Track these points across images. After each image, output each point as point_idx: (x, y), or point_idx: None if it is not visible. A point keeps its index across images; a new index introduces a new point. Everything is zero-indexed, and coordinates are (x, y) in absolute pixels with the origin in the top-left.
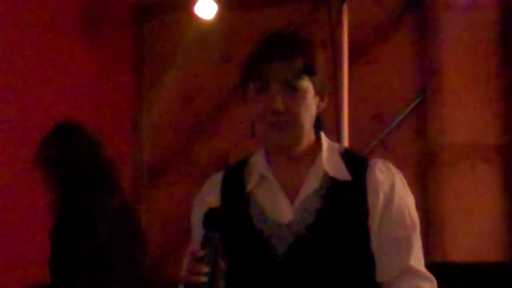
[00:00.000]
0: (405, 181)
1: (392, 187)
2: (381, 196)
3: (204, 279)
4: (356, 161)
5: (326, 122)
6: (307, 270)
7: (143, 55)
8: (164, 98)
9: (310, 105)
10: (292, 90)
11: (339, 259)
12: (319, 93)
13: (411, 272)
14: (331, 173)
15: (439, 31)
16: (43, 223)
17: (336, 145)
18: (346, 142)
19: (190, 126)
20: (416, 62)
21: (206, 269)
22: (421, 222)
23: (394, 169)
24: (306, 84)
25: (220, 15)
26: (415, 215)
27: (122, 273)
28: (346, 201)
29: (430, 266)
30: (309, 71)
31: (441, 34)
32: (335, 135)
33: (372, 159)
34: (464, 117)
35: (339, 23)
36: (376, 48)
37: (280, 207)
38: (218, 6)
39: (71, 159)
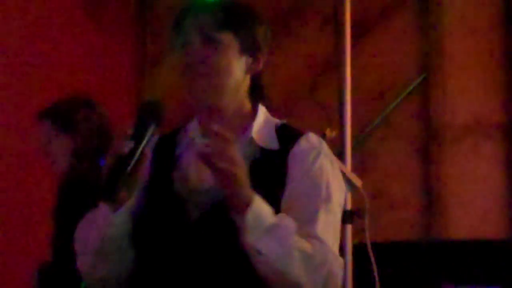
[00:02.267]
0: (335, 164)
1: (316, 157)
2: (301, 160)
3: (127, 150)
4: (290, 134)
5: (267, 94)
6: (217, 237)
7: (146, 32)
8: (167, 77)
9: (232, 61)
10: (211, 42)
11: None
12: (248, 52)
13: (315, 238)
14: (259, 141)
15: (442, 10)
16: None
17: (275, 120)
18: (348, 119)
19: (187, 109)
20: (418, 41)
21: (131, 144)
22: (425, 201)
23: (325, 146)
24: (228, 38)
25: None
26: (335, 195)
27: None
28: (268, 171)
29: (432, 243)
30: (232, 24)
31: (444, 13)
32: (337, 114)
33: (305, 133)
34: (466, 95)
35: (342, 1)
36: (379, 27)
37: (203, 172)
38: None
39: (93, 132)
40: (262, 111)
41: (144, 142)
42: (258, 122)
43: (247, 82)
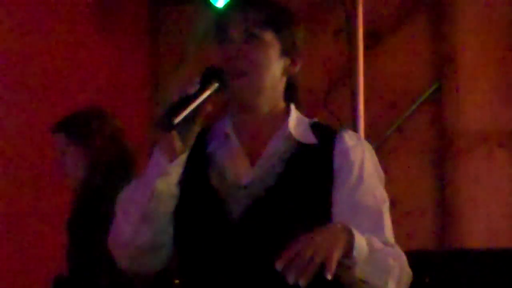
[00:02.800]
0: (375, 156)
1: (364, 156)
2: (353, 161)
3: (188, 93)
4: (325, 130)
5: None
6: (262, 235)
7: (158, 46)
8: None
9: (273, 60)
10: (253, 40)
11: (297, 224)
12: (288, 53)
13: (388, 244)
14: (297, 136)
15: (455, 18)
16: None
17: (306, 118)
18: (362, 130)
19: (206, 116)
20: (431, 49)
21: (194, 90)
22: (438, 210)
23: (363, 140)
24: (270, 37)
25: None
26: (384, 193)
27: None
28: (311, 166)
29: (447, 253)
30: (274, 24)
31: (456, 21)
32: (351, 124)
33: (342, 130)
34: (480, 103)
35: (354, 10)
36: (391, 36)
37: (240, 168)
38: None
39: (107, 144)
40: (294, 109)
41: (207, 93)
42: (292, 119)
43: (283, 83)
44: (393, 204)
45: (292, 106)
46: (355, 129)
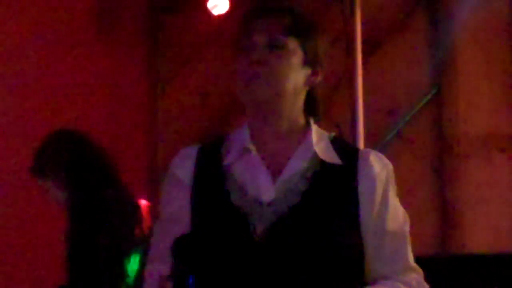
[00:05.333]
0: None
1: (388, 179)
2: (378, 186)
3: None
4: (347, 148)
5: (322, 108)
6: (287, 252)
7: (158, 52)
8: (180, 94)
9: (295, 68)
10: (276, 46)
11: (323, 243)
12: (310, 62)
13: (410, 268)
14: (321, 155)
15: (453, 23)
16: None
17: (324, 132)
18: (361, 135)
19: (206, 122)
20: (430, 54)
21: None
22: (439, 214)
23: (387, 161)
24: (293, 45)
25: (235, 9)
26: (403, 211)
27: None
28: (334, 186)
29: (447, 258)
30: (298, 32)
31: (454, 26)
32: (350, 129)
33: (364, 149)
34: (479, 108)
35: (352, 16)
36: (390, 41)
37: (261, 184)
38: (232, 0)
39: (81, 159)
40: (313, 123)
41: None
42: (314, 135)
43: (304, 94)
44: None
45: (312, 120)
46: (354, 135)
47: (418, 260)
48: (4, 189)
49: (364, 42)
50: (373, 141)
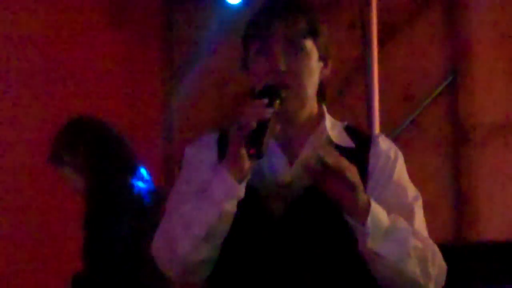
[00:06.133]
0: (404, 164)
1: (396, 156)
2: (384, 161)
3: (266, 116)
4: (359, 134)
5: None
6: (304, 232)
7: (172, 41)
8: (194, 83)
9: (314, 68)
10: (296, 50)
11: (337, 221)
12: (322, 57)
13: (415, 234)
14: (335, 139)
15: (469, 10)
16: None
17: (337, 121)
18: (377, 123)
19: (221, 111)
20: (446, 42)
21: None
22: (455, 202)
23: (397, 148)
24: (310, 45)
25: None
26: (416, 192)
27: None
28: None
29: (463, 246)
30: (313, 32)
31: (471, 13)
32: (366, 117)
33: (375, 134)
34: (495, 95)
35: (368, 3)
36: (406, 29)
37: (278, 167)
38: None
39: (99, 146)
40: (326, 111)
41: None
42: (328, 122)
43: (318, 87)
44: None
45: (325, 108)
46: (370, 122)
47: None
48: (22, 176)
49: (380, 29)
50: (389, 129)
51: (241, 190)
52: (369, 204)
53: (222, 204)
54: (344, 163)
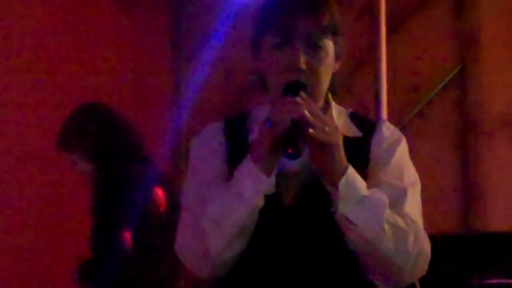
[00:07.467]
0: (407, 151)
1: (396, 142)
2: (384, 146)
3: (301, 113)
4: (364, 121)
5: (338, 86)
6: (313, 219)
7: (181, 25)
8: (203, 73)
9: (330, 66)
10: (316, 49)
11: None
12: (338, 54)
13: (403, 216)
14: (341, 128)
15: (478, 1)
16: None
17: (343, 108)
18: (384, 113)
19: (229, 100)
20: (454, 32)
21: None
22: (461, 192)
23: (400, 134)
24: (330, 44)
25: None
26: (415, 178)
27: (164, 247)
28: (353, 156)
29: (470, 236)
30: (335, 31)
31: (480, 2)
32: (374, 106)
33: (384, 120)
34: (503, 86)
35: None
36: (414, 17)
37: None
38: None
39: (107, 132)
40: (331, 99)
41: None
42: (334, 111)
43: None
44: None
45: (330, 96)
46: (377, 112)
47: (441, 237)
48: (32, 162)
49: (388, 18)
50: (397, 118)
51: (272, 185)
52: (346, 168)
53: (253, 200)
54: (321, 118)
